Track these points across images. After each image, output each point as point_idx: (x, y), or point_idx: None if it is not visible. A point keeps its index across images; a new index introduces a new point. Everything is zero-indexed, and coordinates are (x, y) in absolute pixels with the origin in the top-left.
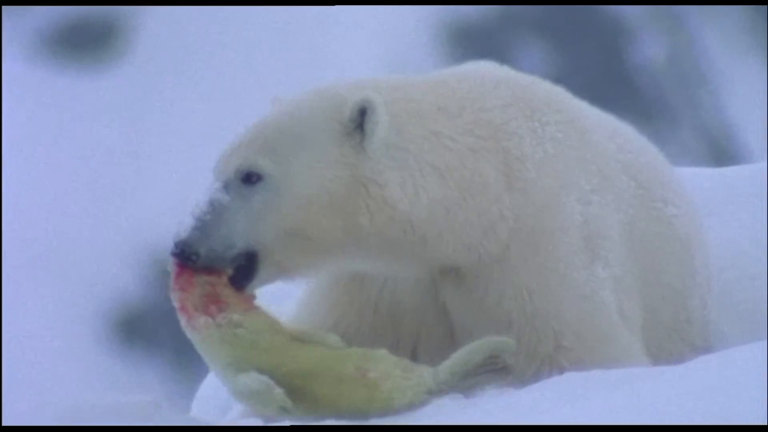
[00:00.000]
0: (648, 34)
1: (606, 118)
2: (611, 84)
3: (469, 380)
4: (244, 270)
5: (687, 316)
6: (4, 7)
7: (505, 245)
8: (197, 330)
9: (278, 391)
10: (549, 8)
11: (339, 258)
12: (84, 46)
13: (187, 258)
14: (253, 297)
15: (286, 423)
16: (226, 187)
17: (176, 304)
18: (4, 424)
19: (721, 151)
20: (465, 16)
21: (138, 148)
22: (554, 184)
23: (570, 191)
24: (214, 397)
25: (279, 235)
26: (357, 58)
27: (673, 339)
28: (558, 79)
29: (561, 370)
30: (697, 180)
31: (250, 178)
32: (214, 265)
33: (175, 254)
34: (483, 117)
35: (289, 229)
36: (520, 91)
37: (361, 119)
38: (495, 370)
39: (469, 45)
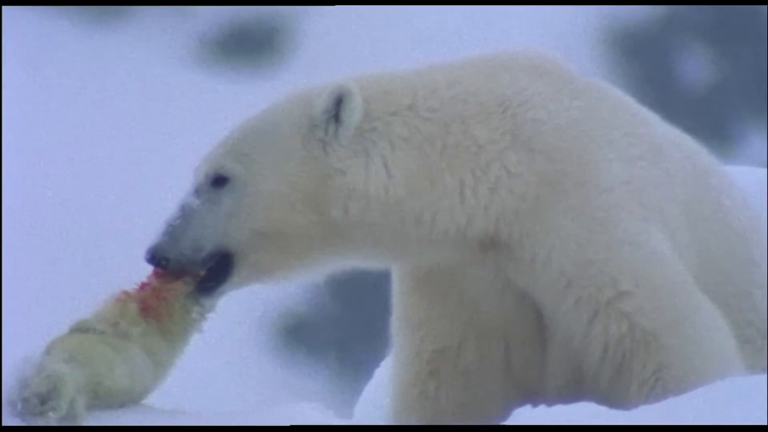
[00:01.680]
0: None
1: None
2: None
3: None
4: (216, 272)
5: (752, 304)
6: (168, 10)
7: (533, 200)
8: None
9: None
10: (713, 13)
11: (326, 255)
12: (246, 51)
13: (158, 263)
14: (170, 305)
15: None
16: (197, 191)
17: None
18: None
19: None
20: (627, 19)
21: None
22: (579, 143)
23: (604, 148)
24: (376, 402)
25: (250, 235)
26: None
27: (739, 323)
28: (721, 84)
29: (627, 321)
30: None
31: (218, 182)
32: (185, 268)
33: (147, 260)
34: (486, 86)
35: (259, 228)
36: (554, 71)
37: (336, 109)
38: None
39: (632, 49)
